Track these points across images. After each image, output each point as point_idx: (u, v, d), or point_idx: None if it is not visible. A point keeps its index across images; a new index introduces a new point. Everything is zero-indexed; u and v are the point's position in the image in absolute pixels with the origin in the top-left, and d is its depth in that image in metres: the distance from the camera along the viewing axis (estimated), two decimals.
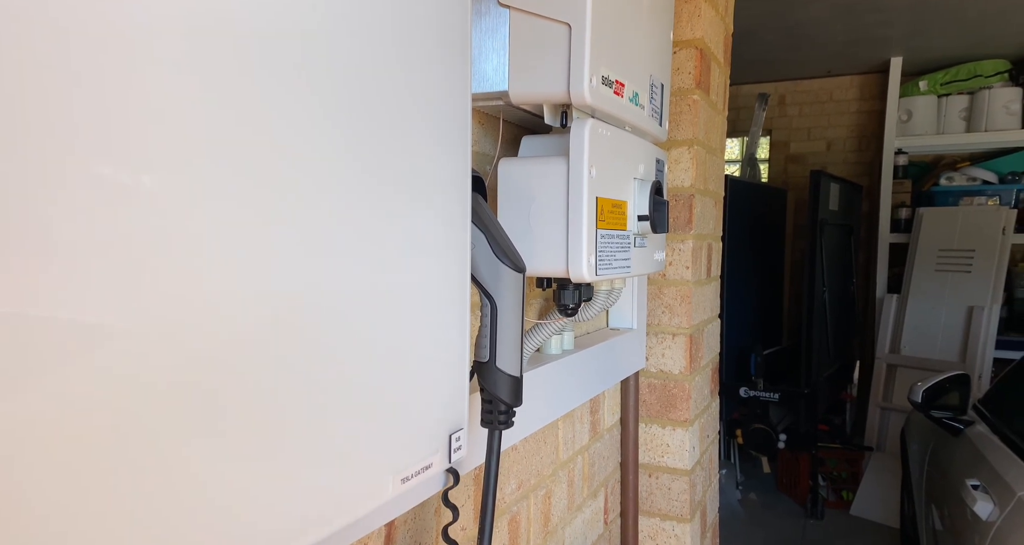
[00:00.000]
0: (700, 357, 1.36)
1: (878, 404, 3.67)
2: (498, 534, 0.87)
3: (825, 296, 3.27)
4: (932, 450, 2.16)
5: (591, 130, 0.75)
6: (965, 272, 3.51)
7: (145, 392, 0.31)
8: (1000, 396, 2.01)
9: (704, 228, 1.36)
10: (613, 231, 0.82)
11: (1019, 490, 1.46)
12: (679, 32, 1.25)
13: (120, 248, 0.29)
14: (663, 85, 0.97)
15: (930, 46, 3.60)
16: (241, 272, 0.35)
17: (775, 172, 4.51)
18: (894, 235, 3.89)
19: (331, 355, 0.41)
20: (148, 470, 0.31)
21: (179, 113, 0.31)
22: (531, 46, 0.73)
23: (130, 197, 0.30)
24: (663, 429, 1.31)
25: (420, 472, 0.48)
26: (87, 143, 0.28)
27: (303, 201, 0.38)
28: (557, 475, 1.03)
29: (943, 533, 1.85)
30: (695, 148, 1.27)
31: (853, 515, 3.14)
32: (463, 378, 0.57)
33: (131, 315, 0.30)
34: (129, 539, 0.30)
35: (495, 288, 0.63)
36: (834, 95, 4.32)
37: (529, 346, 0.89)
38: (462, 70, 0.53)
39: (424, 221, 0.49)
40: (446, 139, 0.51)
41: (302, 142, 0.38)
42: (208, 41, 0.32)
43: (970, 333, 3.42)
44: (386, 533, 0.63)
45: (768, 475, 3.60)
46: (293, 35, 0.37)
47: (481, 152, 0.84)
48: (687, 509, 1.31)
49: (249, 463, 0.35)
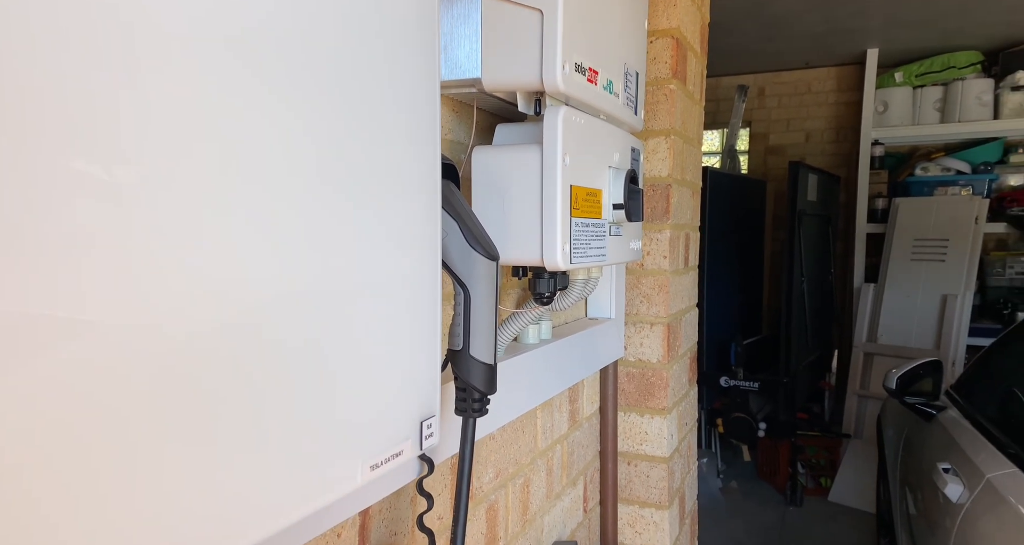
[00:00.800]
0: (678, 346, 1.38)
1: (856, 392, 3.73)
2: (476, 522, 0.87)
3: (804, 286, 3.31)
4: (906, 436, 2.20)
5: (564, 118, 0.75)
6: (939, 261, 3.58)
7: (115, 385, 0.30)
8: (971, 382, 2.05)
9: (682, 218, 1.37)
10: (588, 219, 0.82)
11: (988, 472, 1.50)
12: (655, 21, 1.25)
13: (79, 242, 0.29)
14: (638, 74, 0.97)
15: (905, 38, 3.65)
16: (206, 264, 0.34)
17: (755, 163, 4.55)
18: (871, 225, 3.94)
19: (294, 343, 0.40)
20: (118, 461, 0.31)
21: (137, 106, 0.31)
22: (503, 33, 0.73)
23: (91, 190, 0.29)
24: (641, 417, 1.32)
25: (390, 459, 0.48)
26: (52, 136, 0.27)
27: (262, 191, 0.38)
28: (536, 464, 1.04)
29: (916, 516, 1.89)
30: (672, 138, 1.28)
31: (831, 501, 3.19)
32: (434, 366, 0.56)
33: (96, 309, 0.29)
34: (101, 528, 0.30)
35: (468, 276, 0.63)
36: (812, 87, 4.36)
37: (506, 335, 0.89)
38: (430, 56, 0.53)
39: (391, 210, 0.49)
40: (412, 126, 0.51)
41: (258, 132, 0.37)
42: (151, 27, 0.32)
43: (944, 321, 3.49)
44: (360, 522, 0.63)
45: (748, 463, 3.65)
46: (237, 15, 0.36)
47: (455, 140, 0.84)
48: (665, 496, 1.32)
49: (209, 449, 0.35)
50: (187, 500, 0.34)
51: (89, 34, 0.29)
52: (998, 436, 1.60)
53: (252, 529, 0.38)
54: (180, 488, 0.34)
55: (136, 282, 0.31)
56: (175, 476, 0.34)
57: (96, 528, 0.30)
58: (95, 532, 0.30)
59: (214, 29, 0.34)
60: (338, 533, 0.60)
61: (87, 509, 0.30)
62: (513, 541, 0.97)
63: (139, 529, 0.32)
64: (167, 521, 0.33)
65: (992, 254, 3.83)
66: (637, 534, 1.34)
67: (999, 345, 2.09)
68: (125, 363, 0.31)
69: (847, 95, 4.26)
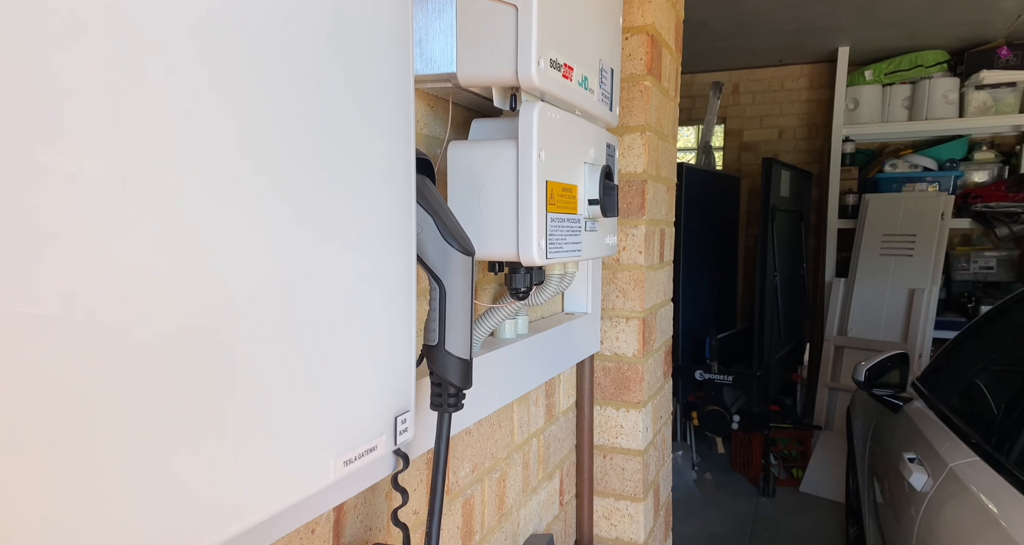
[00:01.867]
0: (653, 340, 1.39)
1: (827, 384, 3.81)
2: (452, 517, 0.87)
3: (777, 280, 3.37)
4: (874, 427, 2.26)
5: (540, 113, 0.75)
6: (907, 256, 3.66)
7: (76, 382, 0.30)
8: (936, 374, 2.11)
9: (657, 213, 1.38)
10: (563, 215, 0.83)
11: (950, 461, 1.54)
12: (630, 18, 1.26)
13: (45, 235, 0.28)
14: (613, 70, 0.98)
15: (875, 37, 3.72)
16: (173, 260, 0.34)
17: (729, 160, 4.60)
18: (842, 221, 4.02)
19: (260, 339, 0.40)
20: (78, 458, 0.30)
21: (91, 97, 0.30)
22: (478, 28, 0.73)
23: (52, 182, 0.28)
24: (617, 411, 1.34)
25: (364, 454, 0.48)
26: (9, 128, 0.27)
27: (227, 186, 0.37)
28: (512, 458, 1.04)
29: (883, 505, 1.94)
30: (647, 134, 1.29)
31: (803, 492, 3.26)
32: (409, 361, 0.56)
33: (54, 306, 0.29)
34: (61, 525, 0.30)
35: (443, 271, 0.63)
36: (785, 84, 4.42)
37: (482, 330, 0.90)
38: (403, 49, 0.53)
39: (363, 204, 0.49)
40: (385, 120, 0.51)
41: (217, 125, 0.37)
42: (108, 16, 0.31)
43: (911, 314, 3.57)
44: (335, 517, 0.63)
45: (723, 455, 3.71)
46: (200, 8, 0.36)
47: (430, 135, 0.83)
48: (640, 488, 1.34)
49: (172, 445, 0.34)
50: (151, 497, 0.34)
51: (39, 19, 0.28)
52: (961, 426, 1.65)
53: (221, 525, 0.38)
54: (144, 485, 0.34)
55: (97, 278, 0.31)
56: (138, 473, 0.33)
57: (56, 526, 0.30)
58: (54, 530, 0.30)
59: (169, 12, 0.34)
60: (312, 529, 0.60)
61: (45, 507, 0.30)
62: (489, 535, 0.98)
63: (100, 527, 0.32)
64: (129, 519, 0.33)
65: (957, 249, 3.93)
66: (613, 526, 1.36)
67: (962, 338, 2.15)
68: (85, 359, 0.31)
69: (819, 92, 4.33)
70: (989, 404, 1.69)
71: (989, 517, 1.29)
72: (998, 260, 3.84)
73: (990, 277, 3.85)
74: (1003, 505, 1.29)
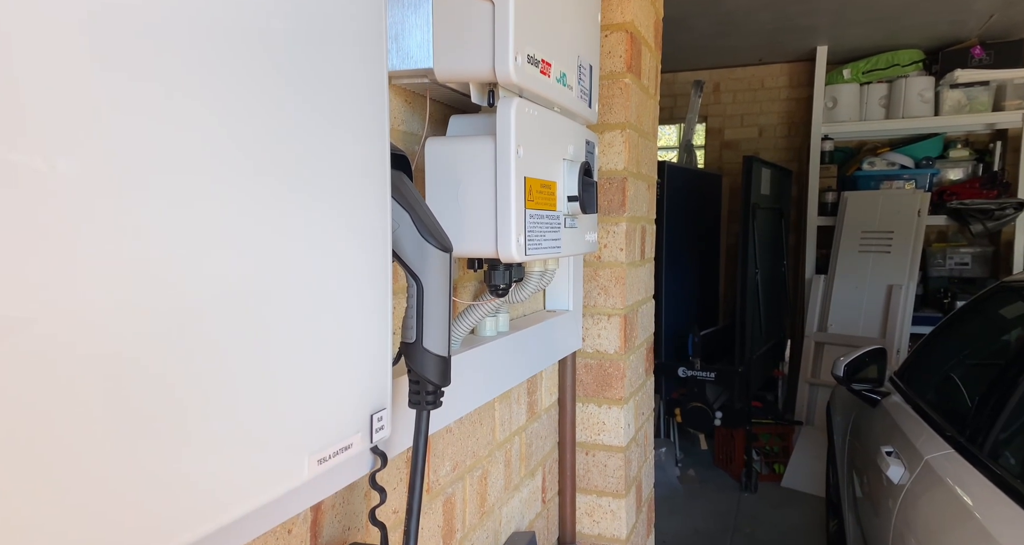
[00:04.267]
0: (635, 337, 1.40)
1: (807, 380, 3.85)
2: (432, 516, 0.87)
3: (758, 278, 3.40)
4: (853, 421, 2.28)
5: (517, 109, 0.75)
6: (885, 253, 3.71)
7: (44, 379, 0.29)
8: (913, 368, 2.14)
9: (637, 211, 1.38)
10: (542, 211, 0.83)
11: (926, 454, 1.56)
12: (609, 15, 1.26)
13: (19, 237, 0.27)
14: (591, 67, 0.98)
15: (853, 36, 3.76)
16: (144, 259, 0.33)
17: (711, 158, 4.64)
18: (822, 218, 4.06)
19: (231, 337, 0.39)
20: (44, 455, 0.29)
21: (59, 96, 0.29)
22: (455, 23, 0.72)
23: (25, 182, 0.28)
24: (599, 408, 1.34)
25: (339, 453, 0.47)
26: None
27: (195, 181, 0.37)
28: (494, 456, 1.04)
29: (862, 498, 1.97)
30: (627, 132, 1.29)
31: (784, 487, 3.30)
32: (384, 359, 0.56)
33: (25, 305, 0.28)
34: (24, 524, 0.29)
35: (421, 268, 0.62)
36: (765, 82, 4.46)
37: (462, 328, 0.89)
38: (375, 43, 0.52)
39: (335, 201, 0.48)
40: (357, 115, 0.50)
41: (189, 121, 0.36)
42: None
43: (889, 310, 3.63)
44: (312, 517, 0.62)
45: (705, 451, 3.73)
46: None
47: (408, 131, 0.83)
48: (622, 485, 1.34)
49: (138, 443, 0.34)
50: (122, 494, 0.33)
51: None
52: (936, 420, 1.68)
53: (193, 523, 0.37)
54: (115, 482, 0.33)
55: (69, 278, 0.30)
56: (103, 471, 0.32)
57: (19, 525, 0.29)
58: (17, 530, 0.29)
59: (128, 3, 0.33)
60: (288, 529, 0.59)
61: (15, 504, 0.29)
62: (471, 533, 0.97)
63: (69, 523, 0.31)
64: (100, 516, 0.32)
65: (933, 246, 3.99)
66: (595, 523, 1.36)
67: (938, 333, 2.18)
68: (58, 357, 0.30)
69: (798, 91, 4.37)
70: (964, 397, 1.72)
71: (963, 508, 1.32)
72: (973, 256, 3.91)
73: (965, 273, 3.92)
74: (977, 497, 1.31)
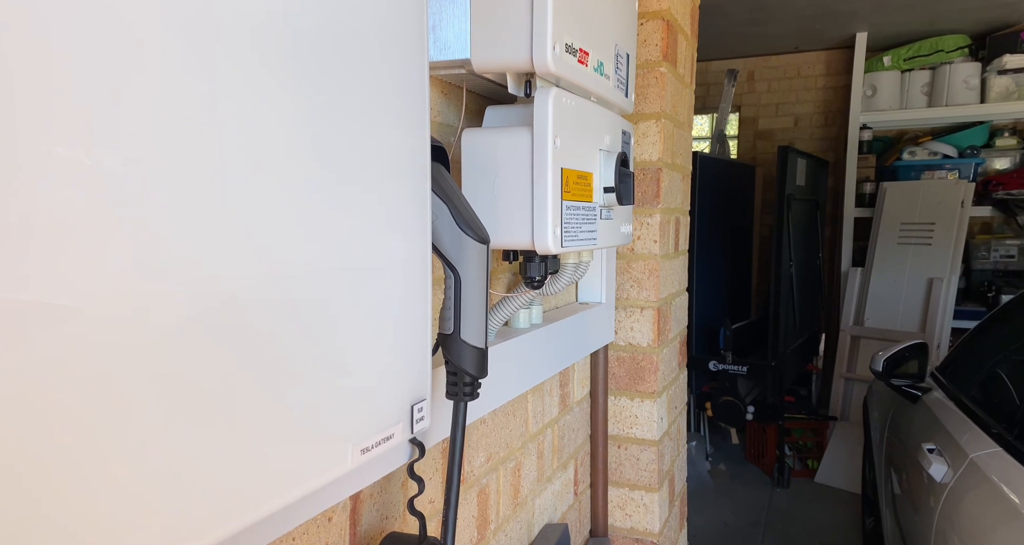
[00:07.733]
0: (668, 330, 1.38)
1: (842, 375, 3.77)
2: (467, 506, 0.87)
3: (792, 270, 3.33)
4: (892, 417, 2.23)
5: (555, 99, 0.74)
6: (926, 245, 3.61)
7: (97, 371, 0.30)
8: (956, 364, 2.08)
9: (672, 202, 1.36)
10: (579, 203, 0.82)
11: (971, 452, 1.52)
12: (645, 3, 1.24)
13: (59, 228, 0.28)
14: (628, 55, 0.96)
15: (893, 21, 3.64)
16: (196, 246, 0.34)
17: (744, 148, 4.55)
18: (859, 209, 3.96)
19: (280, 328, 0.40)
20: (102, 446, 0.30)
21: (119, 92, 0.30)
22: (493, 12, 0.72)
23: (71, 174, 0.28)
24: (632, 401, 1.33)
25: (381, 443, 0.48)
26: (32, 121, 0.26)
27: (248, 176, 0.37)
28: (527, 447, 1.04)
29: (901, 496, 1.92)
30: (662, 121, 1.27)
31: (818, 483, 3.24)
32: (425, 350, 0.56)
33: (78, 295, 0.29)
34: (90, 509, 0.30)
35: (458, 260, 0.62)
36: (801, 71, 4.35)
37: (497, 319, 0.89)
38: (417, 36, 0.52)
39: (379, 193, 0.48)
40: (400, 108, 0.50)
41: (240, 116, 0.37)
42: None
43: (930, 304, 3.53)
44: (351, 506, 0.63)
45: (736, 446, 3.69)
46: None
47: (444, 123, 0.82)
48: (655, 479, 1.33)
49: (193, 433, 0.34)
50: (172, 485, 0.34)
51: (69, 16, 0.28)
52: (982, 417, 1.63)
53: (241, 512, 0.38)
54: (165, 473, 0.34)
55: (117, 267, 0.31)
56: (160, 461, 0.33)
57: (79, 509, 0.30)
58: (71, 520, 0.30)
59: (195, 9, 0.33)
60: (329, 517, 0.60)
61: (69, 493, 0.30)
62: (504, 524, 0.98)
63: (124, 512, 0.32)
64: (152, 505, 0.33)
65: (977, 238, 3.86)
66: (627, 516, 1.35)
67: (983, 327, 2.11)
68: (107, 348, 0.31)
69: (836, 79, 4.26)
70: (1011, 394, 1.66)
71: (1011, 507, 1.28)
72: (1019, 248, 3.77)
73: (1011, 266, 3.78)
74: None
